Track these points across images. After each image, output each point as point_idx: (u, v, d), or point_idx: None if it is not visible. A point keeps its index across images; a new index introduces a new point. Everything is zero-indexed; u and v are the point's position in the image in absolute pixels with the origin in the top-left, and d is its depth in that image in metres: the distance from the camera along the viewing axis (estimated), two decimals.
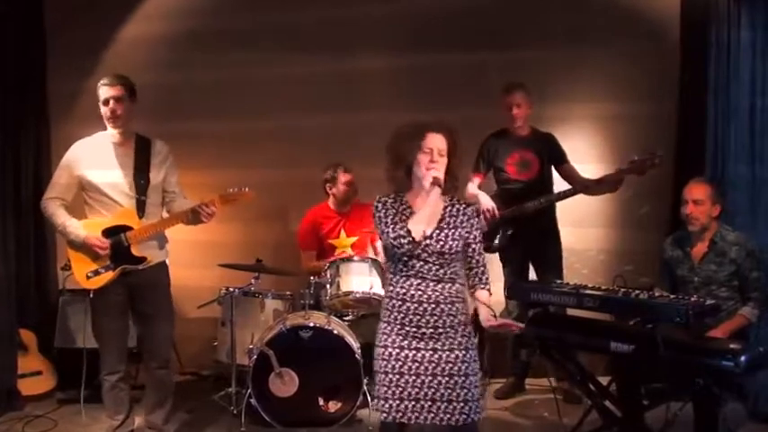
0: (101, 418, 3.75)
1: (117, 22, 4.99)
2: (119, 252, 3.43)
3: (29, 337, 4.43)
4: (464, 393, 2.65)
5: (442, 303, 2.67)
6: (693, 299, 3.13)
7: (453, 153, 2.71)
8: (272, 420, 3.78)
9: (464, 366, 2.67)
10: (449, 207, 2.75)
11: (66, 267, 3.60)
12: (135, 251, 3.45)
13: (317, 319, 3.89)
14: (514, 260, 4.26)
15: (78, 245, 3.42)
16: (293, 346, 3.78)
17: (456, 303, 2.70)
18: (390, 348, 2.68)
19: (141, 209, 3.46)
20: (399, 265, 2.69)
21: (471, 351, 2.70)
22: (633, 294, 3.14)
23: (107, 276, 3.43)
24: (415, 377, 2.65)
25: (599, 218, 4.53)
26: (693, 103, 4.19)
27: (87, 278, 3.44)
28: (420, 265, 2.67)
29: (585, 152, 4.53)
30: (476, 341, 2.75)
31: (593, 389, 3.38)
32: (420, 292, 2.67)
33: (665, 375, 3.07)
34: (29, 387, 4.33)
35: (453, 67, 4.79)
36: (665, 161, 3.91)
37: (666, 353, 2.89)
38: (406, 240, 2.63)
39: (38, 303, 4.70)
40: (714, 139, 4.00)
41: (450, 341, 2.68)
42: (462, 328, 2.71)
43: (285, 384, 3.77)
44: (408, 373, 2.65)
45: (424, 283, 2.67)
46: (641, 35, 4.54)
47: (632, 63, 4.55)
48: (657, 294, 3.27)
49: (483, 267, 2.77)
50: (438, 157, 2.67)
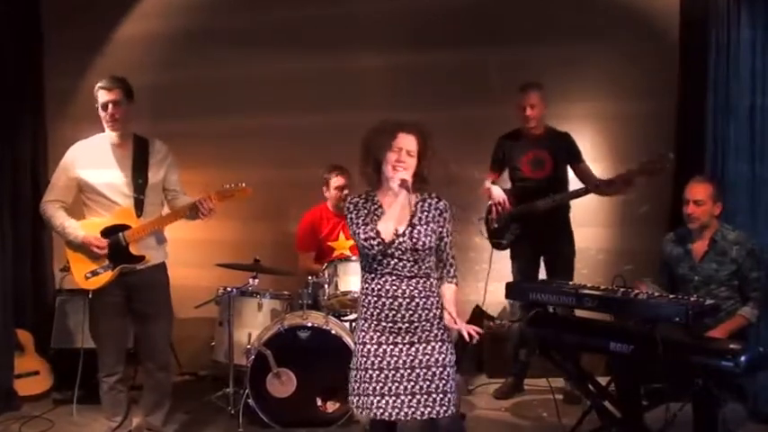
0: (98, 419, 3.74)
1: (114, 21, 4.99)
2: (117, 252, 3.42)
3: (26, 337, 4.42)
4: (442, 385, 2.70)
5: (417, 298, 2.72)
6: (693, 299, 3.12)
7: (424, 155, 2.73)
8: (269, 421, 3.77)
9: (441, 357, 2.71)
10: (420, 202, 2.78)
11: (66, 268, 3.59)
12: (133, 250, 3.44)
13: (315, 319, 3.88)
14: (523, 259, 4.25)
15: (77, 245, 3.42)
16: (291, 347, 3.77)
17: (431, 297, 2.75)
18: (369, 345, 2.72)
19: (139, 208, 3.45)
20: (374, 264, 2.73)
21: (447, 343, 2.75)
22: (632, 294, 3.13)
23: (106, 276, 3.42)
24: (394, 371, 2.69)
25: (598, 217, 4.52)
26: (693, 101, 4.18)
27: (86, 279, 3.43)
28: (394, 263, 2.71)
29: (585, 151, 4.49)
30: (450, 333, 2.78)
31: (592, 389, 3.37)
32: (395, 288, 2.71)
33: (664, 376, 3.05)
34: (26, 387, 4.32)
35: (452, 66, 4.79)
36: (672, 164, 3.88)
37: (666, 353, 2.88)
38: (375, 242, 2.67)
39: (35, 303, 4.69)
40: (714, 137, 3.98)
41: (427, 334, 2.72)
42: (438, 321, 2.75)
43: (283, 384, 3.77)
44: (387, 368, 2.70)
45: (398, 280, 2.71)
46: (641, 34, 4.54)
47: (632, 62, 4.55)
48: (651, 292, 3.25)
49: (452, 260, 2.82)
50: (406, 158, 2.69)
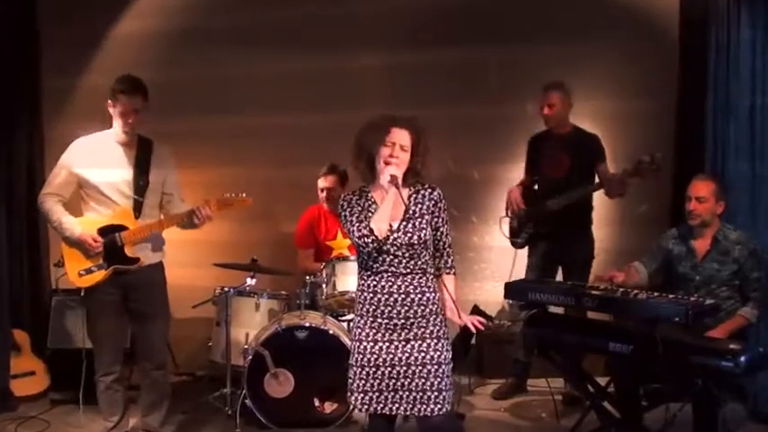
0: (95, 419, 3.72)
1: (111, 19, 4.97)
2: (112, 252, 3.40)
3: (22, 337, 4.41)
4: (437, 382, 2.68)
5: (413, 293, 2.70)
6: (693, 298, 3.12)
7: (417, 150, 2.72)
8: (267, 421, 3.75)
9: (436, 355, 2.69)
10: (413, 195, 2.76)
11: (60, 264, 3.57)
12: (128, 252, 3.42)
13: (312, 319, 3.86)
14: (536, 258, 4.25)
15: (73, 242, 3.40)
16: (289, 347, 3.75)
17: (426, 293, 2.73)
18: (365, 342, 2.72)
19: (138, 209, 3.43)
20: (370, 261, 2.72)
21: (443, 340, 2.73)
22: (632, 294, 3.11)
23: (99, 275, 3.41)
24: (390, 368, 2.69)
25: (597, 216, 4.50)
26: (693, 101, 4.16)
27: (80, 276, 3.42)
28: (390, 259, 2.70)
29: None
30: (447, 331, 2.77)
31: (591, 389, 3.36)
32: (390, 284, 2.70)
33: (664, 376, 3.05)
34: (22, 387, 4.30)
35: (452, 65, 4.78)
36: (662, 165, 3.88)
37: (666, 353, 2.87)
38: (369, 239, 2.67)
39: (31, 303, 4.68)
40: (713, 137, 3.97)
41: (422, 330, 2.70)
42: (434, 318, 2.73)
43: (281, 385, 3.75)
44: (383, 365, 2.69)
45: (394, 276, 2.70)
46: (641, 33, 4.53)
47: (632, 61, 4.54)
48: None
49: (449, 249, 2.80)
50: (399, 152, 2.68)
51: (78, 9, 4.88)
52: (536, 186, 4.26)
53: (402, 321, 2.70)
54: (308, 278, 4.08)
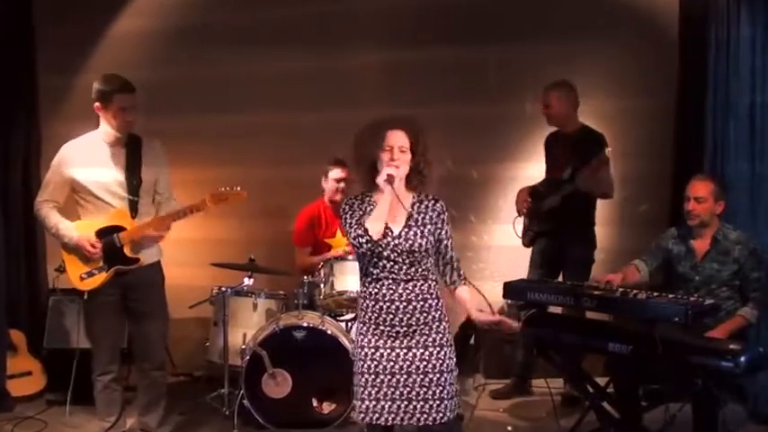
0: (92, 420, 3.71)
1: (107, 17, 4.96)
2: (112, 253, 3.39)
3: (18, 337, 4.39)
4: (439, 391, 2.66)
5: (414, 301, 2.68)
6: (693, 298, 3.10)
7: (416, 150, 2.69)
8: (265, 422, 3.74)
9: (438, 363, 2.68)
10: (416, 203, 2.74)
11: (61, 269, 3.58)
12: (128, 252, 3.41)
13: (310, 319, 3.85)
14: (538, 257, 4.25)
15: (71, 247, 3.39)
16: (286, 347, 3.74)
17: (428, 300, 2.71)
18: (366, 348, 2.70)
19: (134, 209, 3.42)
20: (370, 267, 2.70)
21: (446, 348, 2.71)
22: (631, 294, 3.10)
23: (101, 278, 3.40)
24: (390, 376, 2.66)
25: (597, 216, 4.48)
26: (692, 99, 4.14)
27: (81, 280, 3.41)
28: (390, 265, 2.68)
29: None
30: (450, 338, 2.76)
31: (590, 390, 3.34)
32: (391, 291, 2.68)
33: (663, 376, 3.05)
34: (18, 388, 4.29)
35: (451, 64, 4.76)
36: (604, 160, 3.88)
37: (665, 353, 2.86)
38: (364, 239, 2.64)
39: (27, 303, 4.67)
40: (713, 136, 3.95)
41: (425, 338, 2.68)
42: (437, 325, 2.71)
43: (278, 385, 3.74)
44: (384, 373, 2.67)
45: (395, 283, 2.68)
46: (640, 31, 4.51)
47: (631, 59, 4.52)
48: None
49: (457, 262, 2.78)
50: (399, 154, 2.65)
51: (75, 7, 4.87)
52: (540, 185, 4.25)
53: (404, 329, 2.67)
54: (305, 278, 4.06)
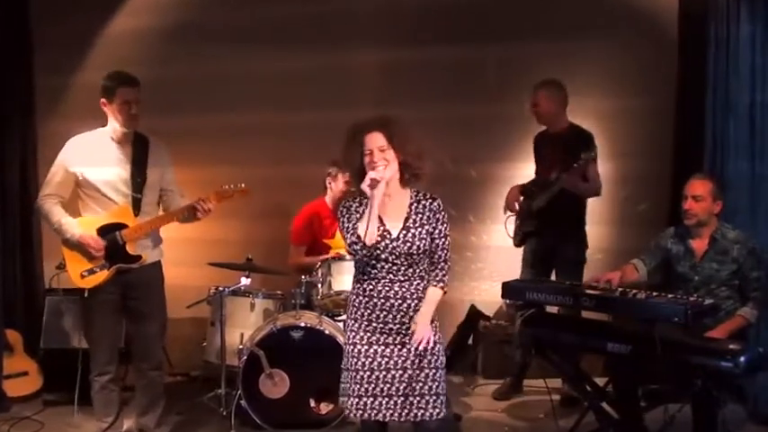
0: (89, 420, 3.69)
1: (104, 16, 4.96)
2: (114, 250, 3.37)
3: (15, 337, 4.37)
4: (435, 386, 2.68)
5: (409, 299, 2.70)
6: (692, 298, 3.09)
7: (398, 145, 2.66)
8: (262, 422, 3.73)
9: (433, 359, 2.70)
10: (414, 204, 2.73)
11: (62, 266, 3.54)
12: (130, 249, 3.40)
13: (308, 318, 3.84)
14: (529, 256, 4.24)
15: (73, 244, 3.37)
16: (284, 347, 3.73)
17: (423, 299, 2.71)
18: (359, 345, 2.71)
19: (137, 207, 3.41)
20: (368, 267, 2.70)
21: (439, 344, 2.73)
22: (631, 294, 3.09)
23: (102, 275, 3.38)
24: (385, 372, 2.67)
25: (596, 215, 4.48)
26: (692, 98, 4.13)
27: (82, 277, 3.39)
28: (388, 267, 2.69)
29: None
30: (441, 335, 2.76)
31: (589, 390, 3.33)
32: (387, 289, 2.69)
33: (663, 376, 3.04)
34: (15, 388, 4.27)
35: (450, 63, 4.76)
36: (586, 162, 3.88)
37: (665, 353, 2.85)
38: (358, 246, 2.64)
39: (24, 303, 4.65)
40: (713, 135, 3.94)
41: None
42: (431, 323, 2.71)
43: (276, 385, 3.73)
44: (378, 369, 2.68)
45: (391, 283, 2.69)
46: (639, 30, 4.50)
47: (630, 57, 4.51)
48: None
49: (443, 263, 2.76)
50: (379, 155, 2.63)
51: (71, 6, 4.85)
52: (531, 185, 4.23)
53: (398, 326, 2.69)
54: (303, 278, 4.05)
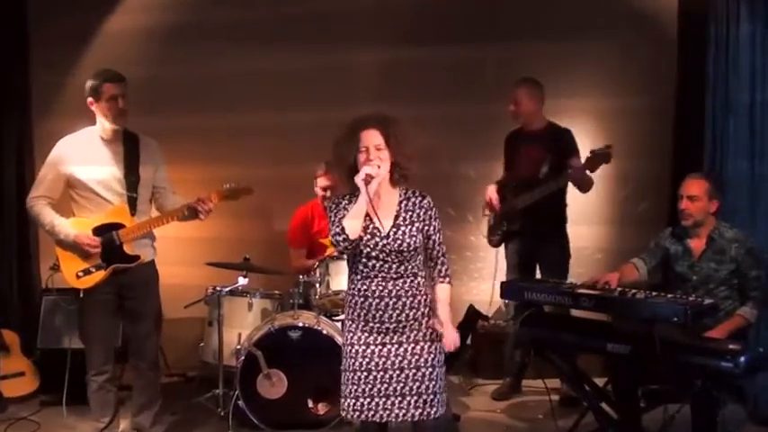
0: (85, 420, 3.67)
1: (101, 14, 4.95)
2: (110, 251, 3.35)
3: (11, 337, 4.36)
4: (432, 385, 2.68)
5: (404, 297, 2.69)
6: (692, 298, 3.08)
7: (393, 145, 2.66)
8: (260, 423, 3.71)
9: (430, 358, 2.68)
10: (404, 201, 2.73)
11: (56, 267, 3.51)
12: (128, 249, 3.38)
13: (306, 318, 3.82)
14: (514, 256, 4.21)
15: (68, 244, 3.34)
16: (282, 347, 3.72)
17: (418, 296, 2.71)
18: (357, 346, 2.70)
19: (133, 206, 3.39)
20: (359, 265, 2.70)
21: (437, 343, 2.72)
22: (630, 294, 3.08)
23: (98, 276, 3.36)
24: (383, 372, 2.67)
25: (595, 215, 4.48)
26: (692, 98, 4.13)
27: (78, 278, 3.36)
28: (380, 264, 2.68)
29: (583, 147, 4.45)
30: (439, 333, 2.73)
31: (588, 390, 3.32)
32: (381, 288, 2.68)
33: (662, 376, 3.03)
34: (11, 388, 4.26)
35: (449, 62, 4.75)
36: (610, 154, 3.83)
37: (664, 354, 2.84)
38: (341, 238, 2.64)
39: (20, 303, 4.64)
40: (713, 134, 3.93)
41: (415, 333, 2.69)
42: (426, 320, 2.71)
43: (273, 386, 3.71)
44: (376, 369, 2.68)
45: (384, 281, 2.68)
46: (639, 29, 4.50)
47: (630, 57, 4.51)
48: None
49: (443, 258, 2.76)
50: (375, 153, 2.64)
51: (69, 5, 4.85)
52: (511, 183, 4.20)
53: (394, 325, 2.68)
54: (301, 278, 4.04)
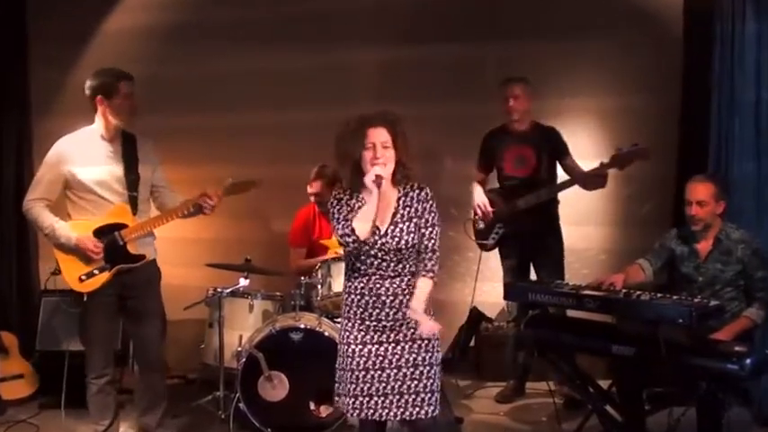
0: (85, 423, 3.66)
1: (100, 13, 4.96)
2: (114, 251, 3.31)
3: (10, 339, 4.35)
4: (430, 384, 2.67)
5: (401, 295, 2.68)
6: (697, 300, 3.05)
7: (400, 144, 2.66)
8: (261, 425, 3.68)
9: (428, 356, 2.68)
10: (402, 197, 2.71)
11: (56, 271, 3.45)
12: (132, 249, 3.35)
13: (307, 320, 3.79)
14: (511, 259, 4.17)
15: (68, 248, 3.29)
16: (283, 349, 3.69)
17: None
18: (353, 345, 2.69)
19: (134, 205, 3.36)
20: (357, 263, 2.69)
21: (434, 341, 2.70)
22: (635, 295, 3.05)
23: (102, 278, 3.32)
24: (380, 371, 2.66)
25: (599, 216, 4.45)
26: (697, 96, 4.09)
27: (81, 281, 3.31)
28: (378, 263, 2.67)
29: (586, 147, 4.43)
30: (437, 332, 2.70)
31: (593, 393, 3.29)
32: (378, 286, 2.67)
33: (667, 379, 3.01)
34: (10, 391, 4.24)
35: (448, 61, 4.72)
36: (650, 154, 3.78)
37: (669, 356, 2.82)
38: (351, 239, 2.63)
39: (19, 305, 4.62)
40: (718, 134, 3.89)
41: (412, 332, 2.67)
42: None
43: (275, 388, 3.69)
44: (373, 368, 2.67)
45: (382, 279, 2.67)
46: (644, 27, 4.46)
47: (635, 56, 4.47)
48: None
49: (431, 253, 2.71)
50: (382, 151, 2.63)
51: (68, 3, 4.85)
52: (507, 184, 4.14)
53: (391, 324, 2.67)
54: (302, 279, 4.01)
